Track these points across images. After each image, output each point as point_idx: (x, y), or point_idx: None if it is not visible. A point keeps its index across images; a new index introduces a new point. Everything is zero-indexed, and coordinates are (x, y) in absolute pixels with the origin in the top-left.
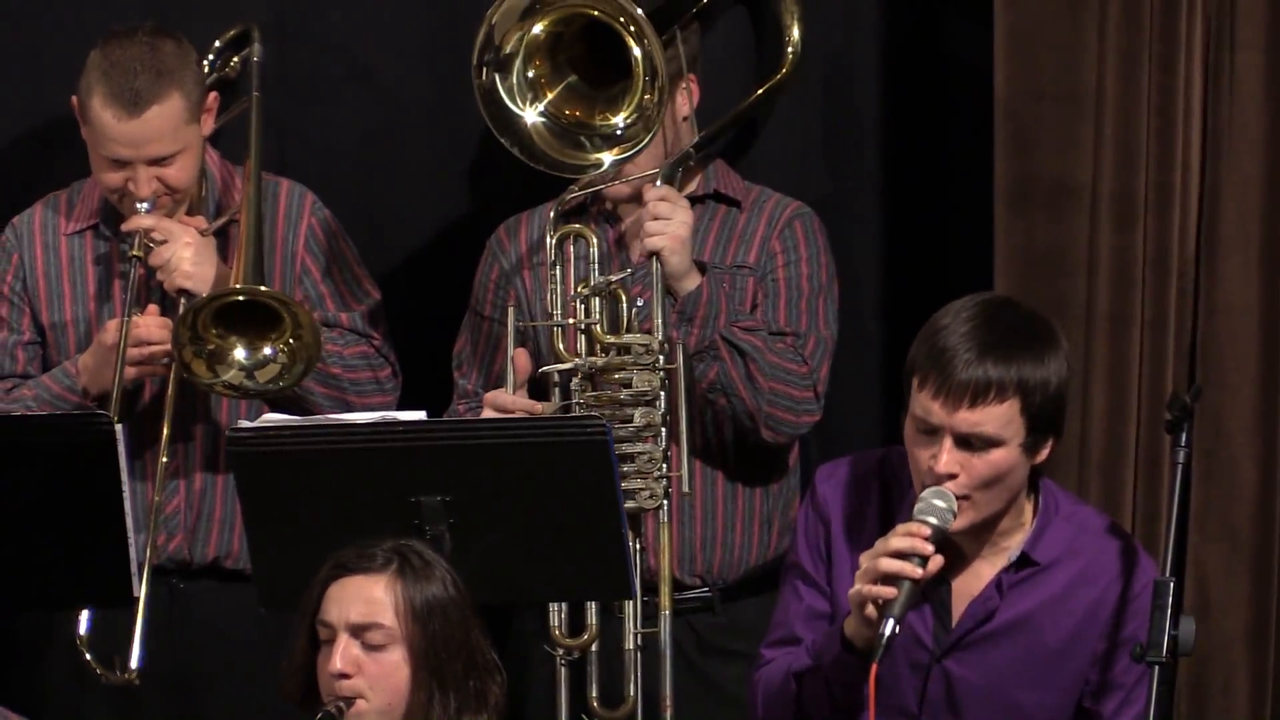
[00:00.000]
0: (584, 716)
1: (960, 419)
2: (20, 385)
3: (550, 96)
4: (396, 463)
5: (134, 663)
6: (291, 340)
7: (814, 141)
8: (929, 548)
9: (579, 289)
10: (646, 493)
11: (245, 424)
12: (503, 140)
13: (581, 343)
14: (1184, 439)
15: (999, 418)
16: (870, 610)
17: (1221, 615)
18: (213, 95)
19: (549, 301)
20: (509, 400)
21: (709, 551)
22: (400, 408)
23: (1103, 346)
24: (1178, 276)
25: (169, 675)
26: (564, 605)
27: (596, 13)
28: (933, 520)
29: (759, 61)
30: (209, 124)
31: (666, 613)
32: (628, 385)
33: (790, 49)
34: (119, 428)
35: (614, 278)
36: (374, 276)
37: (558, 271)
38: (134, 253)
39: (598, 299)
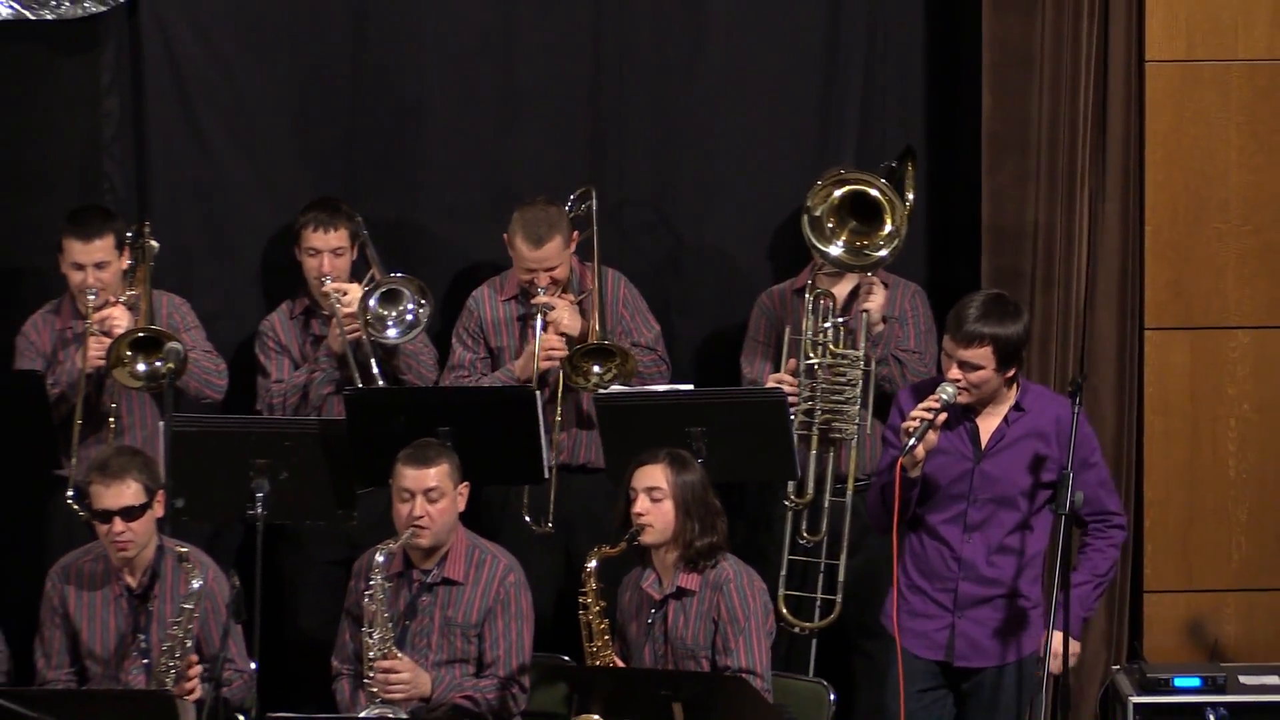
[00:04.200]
0: (799, 540)
1: (962, 354)
2: (484, 376)
3: (843, 236)
4: (678, 411)
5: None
6: (615, 369)
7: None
8: (936, 404)
9: (822, 323)
10: (851, 429)
11: (603, 392)
12: (820, 257)
13: (821, 350)
14: (1079, 400)
15: (981, 355)
16: (904, 439)
17: None
18: (575, 233)
19: (804, 327)
20: (783, 377)
21: (861, 458)
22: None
23: (1038, 355)
24: (1075, 319)
25: (560, 523)
26: (791, 481)
27: (863, 186)
28: (943, 395)
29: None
30: (573, 246)
31: (851, 490)
32: (843, 375)
33: (908, 202)
34: (537, 394)
35: (840, 320)
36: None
37: (811, 312)
38: (540, 316)
39: (833, 328)
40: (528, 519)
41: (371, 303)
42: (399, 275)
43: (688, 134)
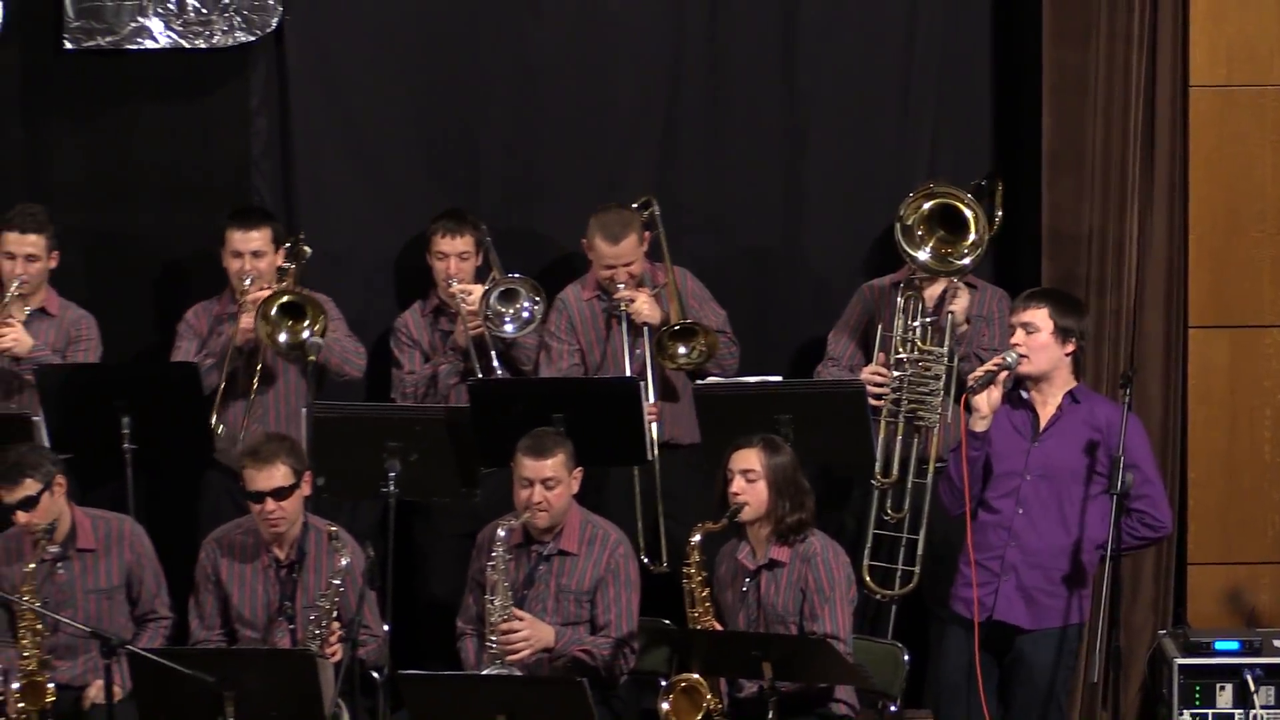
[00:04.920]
0: (884, 516)
1: (1021, 316)
2: (575, 367)
3: (931, 243)
4: (769, 401)
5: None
6: (700, 346)
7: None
8: (1000, 363)
9: (911, 322)
10: (933, 417)
11: (700, 382)
12: (909, 262)
13: (910, 346)
14: (1129, 391)
15: (1039, 316)
16: (969, 383)
17: None
18: (646, 234)
19: (895, 325)
20: (877, 369)
21: (944, 440)
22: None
23: (1092, 350)
24: (1126, 317)
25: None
26: (880, 460)
27: (951, 200)
28: (1007, 357)
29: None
30: (645, 244)
31: (932, 472)
32: (929, 369)
33: (997, 217)
34: (641, 384)
35: (928, 319)
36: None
37: (903, 311)
38: (622, 309)
39: (920, 326)
40: (645, 560)
41: (491, 300)
42: (516, 276)
43: (782, 154)
